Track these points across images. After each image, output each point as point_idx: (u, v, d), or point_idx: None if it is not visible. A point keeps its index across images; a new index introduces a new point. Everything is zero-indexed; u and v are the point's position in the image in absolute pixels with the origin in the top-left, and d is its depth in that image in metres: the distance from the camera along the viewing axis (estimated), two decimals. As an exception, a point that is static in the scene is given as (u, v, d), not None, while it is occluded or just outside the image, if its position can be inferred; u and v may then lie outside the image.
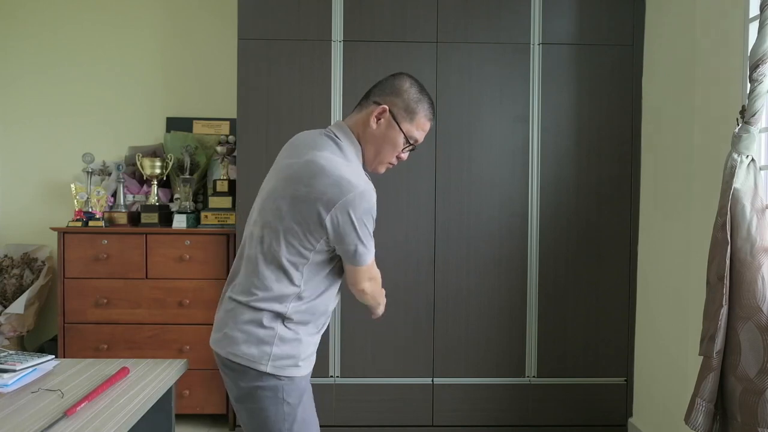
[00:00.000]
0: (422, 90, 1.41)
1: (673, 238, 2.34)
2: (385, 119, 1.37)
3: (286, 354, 1.32)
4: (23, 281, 2.97)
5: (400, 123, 1.37)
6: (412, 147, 1.43)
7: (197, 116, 3.16)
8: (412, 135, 1.40)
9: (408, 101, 1.38)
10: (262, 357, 1.30)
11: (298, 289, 1.32)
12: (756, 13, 1.82)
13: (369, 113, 1.38)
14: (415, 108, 1.38)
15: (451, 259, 2.63)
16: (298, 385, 1.36)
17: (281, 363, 1.32)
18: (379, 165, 1.43)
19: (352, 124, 1.42)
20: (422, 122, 1.40)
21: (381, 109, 1.37)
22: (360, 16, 2.59)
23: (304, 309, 1.34)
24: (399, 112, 1.37)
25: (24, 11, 3.17)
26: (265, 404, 1.32)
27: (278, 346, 1.31)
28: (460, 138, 2.62)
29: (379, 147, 1.39)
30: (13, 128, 3.19)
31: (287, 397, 1.33)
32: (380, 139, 1.39)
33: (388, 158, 1.42)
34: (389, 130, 1.38)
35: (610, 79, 2.64)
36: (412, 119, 1.38)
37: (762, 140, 1.83)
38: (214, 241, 2.72)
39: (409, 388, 2.64)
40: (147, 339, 2.70)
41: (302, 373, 1.37)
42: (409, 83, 1.40)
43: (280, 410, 1.32)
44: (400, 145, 1.40)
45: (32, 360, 1.43)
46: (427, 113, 1.41)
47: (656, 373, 2.48)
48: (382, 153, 1.40)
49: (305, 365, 1.38)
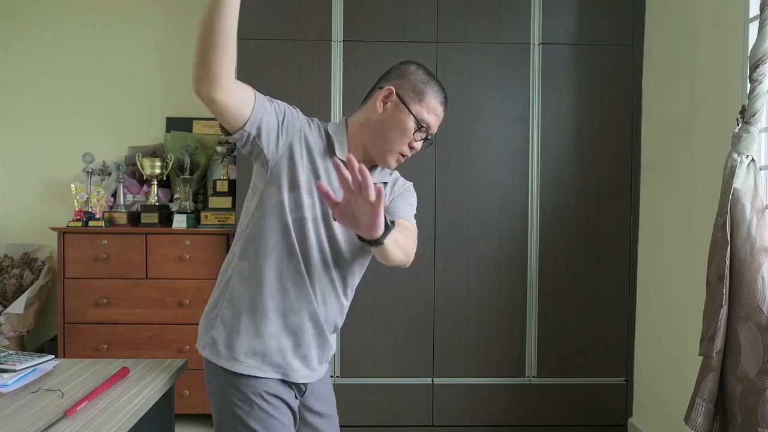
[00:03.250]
0: (430, 73, 1.31)
1: (673, 238, 2.34)
2: (392, 102, 1.27)
3: (223, 340, 1.27)
4: (23, 281, 2.97)
5: (409, 104, 1.26)
6: (426, 135, 1.30)
7: (197, 116, 3.15)
8: (423, 118, 1.27)
9: (416, 82, 1.27)
10: (203, 338, 1.32)
11: (244, 233, 1.28)
12: (756, 13, 1.82)
13: (374, 100, 1.29)
14: (424, 88, 1.27)
15: (451, 259, 2.63)
16: (246, 389, 1.25)
17: (216, 349, 1.27)
18: (388, 155, 1.29)
19: (351, 118, 1.35)
20: (432, 104, 1.28)
21: (387, 91, 1.27)
22: (360, 16, 2.59)
23: (249, 270, 1.26)
24: (406, 93, 1.26)
25: (24, 11, 3.17)
26: (212, 399, 1.32)
27: (217, 330, 1.29)
28: (460, 138, 2.62)
29: (387, 132, 1.27)
30: (13, 128, 3.19)
31: (233, 396, 1.25)
32: (388, 124, 1.27)
33: (398, 146, 1.28)
34: (397, 113, 1.26)
35: (610, 79, 2.64)
36: (421, 100, 1.26)
37: (762, 140, 1.83)
38: (214, 241, 2.72)
39: (409, 388, 2.64)
40: (147, 339, 2.70)
41: (241, 370, 1.24)
42: (416, 66, 1.30)
43: (227, 408, 1.25)
44: (411, 130, 1.26)
45: (32, 360, 1.43)
46: (437, 95, 1.29)
47: (656, 373, 2.48)
48: (390, 139, 1.27)
49: (249, 363, 1.25)
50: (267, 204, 1.25)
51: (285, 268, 1.25)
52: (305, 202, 1.25)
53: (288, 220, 1.24)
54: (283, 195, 1.24)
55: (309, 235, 1.26)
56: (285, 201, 1.24)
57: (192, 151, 2.95)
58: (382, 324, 2.63)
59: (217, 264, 2.71)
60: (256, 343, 1.26)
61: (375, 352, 2.63)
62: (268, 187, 1.25)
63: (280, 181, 1.24)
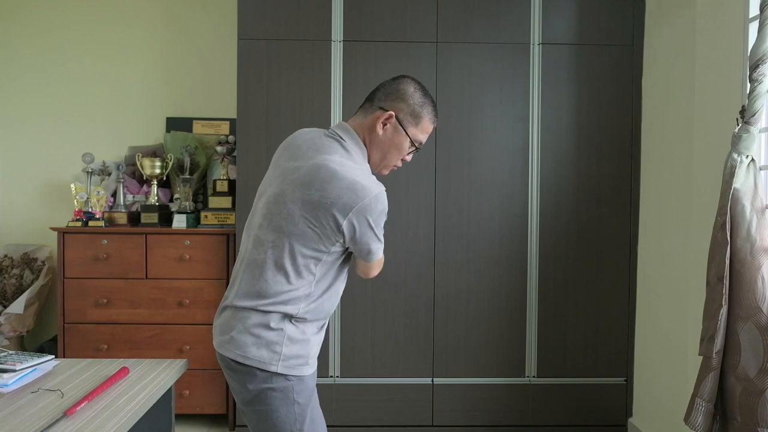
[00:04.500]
0: (425, 93, 1.43)
1: (673, 238, 2.34)
2: (391, 125, 1.39)
3: (295, 354, 1.33)
4: (23, 281, 2.97)
5: (407, 128, 1.40)
6: (416, 149, 1.46)
7: (197, 116, 3.16)
8: (417, 138, 1.43)
9: (413, 106, 1.40)
10: (273, 358, 1.30)
11: (310, 289, 1.33)
12: (756, 13, 1.82)
13: (375, 119, 1.39)
14: (421, 112, 1.40)
15: (451, 259, 2.63)
16: (307, 384, 1.36)
17: (291, 363, 1.32)
18: (384, 168, 1.46)
19: (357, 126, 1.41)
20: (427, 126, 1.43)
21: (387, 115, 1.38)
22: (360, 16, 2.59)
23: (314, 308, 1.35)
24: (405, 117, 1.39)
25: (24, 11, 3.17)
26: (276, 405, 1.32)
27: (288, 346, 1.32)
28: (460, 138, 2.62)
29: (386, 152, 1.42)
30: (13, 128, 3.19)
31: (297, 398, 1.33)
32: (387, 144, 1.41)
33: (394, 161, 1.45)
34: (396, 136, 1.40)
35: (610, 79, 2.64)
36: (417, 123, 1.41)
37: (762, 140, 1.83)
38: (214, 241, 2.72)
39: (409, 388, 2.64)
40: (147, 339, 2.70)
41: (311, 372, 1.38)
42: (413, 87, 1.41)
43: (291, 411, 1.33)
44: (406, 149, 1.43)
45: (32, 360, 1.43)
46: (431, 116, 1.43)
47: (656, 373, 2.48)
48: (388, 157, 1.43)
49: (314, 363, 1.39)
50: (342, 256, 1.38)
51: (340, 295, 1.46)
52: None
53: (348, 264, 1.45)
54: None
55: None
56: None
57: (192, 151, 2.95)
58: (382, 324, 2.63)
59: (217, 264, 2.71)
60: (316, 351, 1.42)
61: (375, 352, 2.63)
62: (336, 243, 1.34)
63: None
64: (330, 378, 2.62)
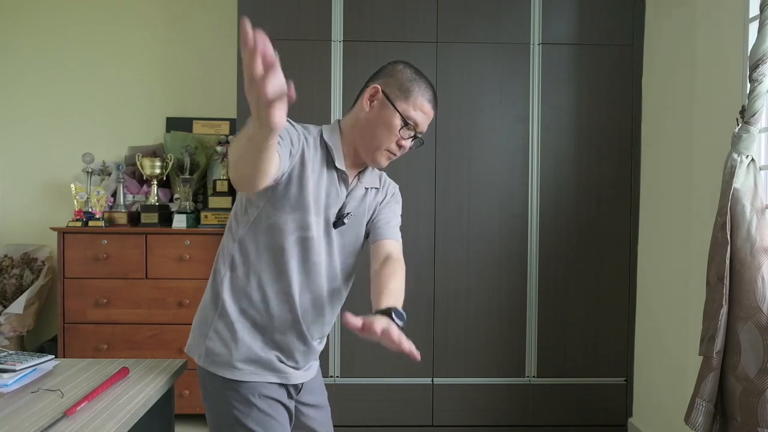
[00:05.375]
0: (419, 73, 1.30)
1: (673, 239, 2.34)
2: (378, 100, 1.27)
3: (219, 349, 1.27)
4: (23, 281, 2.97)
5: (395, 102, 1.26)
6: (413, 133, 1.30)
7: (197, 116, 3.16)
8: (409, 115, 1.27)
9: (402, 80, 1.27)
10: (199, 348, 1.30)
11: (235, 244, 1.28)
12: (756, 13, 1.82)
13: (362, 99, 1.30)
14: (410, 86, 1.27)
15: (451, 259, 2.63)
16: (245, 391, 1.26)
17: (215, 359, 1.27)
18: (377, 152, 1.29)
19: (346, 119, 1.35)
20: (419, 102, 1.27)
21: (372, 89, 1.27)
22: (360, 16, 2.59)
23: (239, 284, 1.27)
24: (392, 91, 1.27)
25: (24, 11, 3.17)
26: (208, 402, 1.31)
27: (212, 340, 1.28)
28: (460, 138, 2.62)
29: (374, 130, 1.27)
30: (13, 128, 3.19)
31: (231, 399, 1.26)
32: (375, 122, 1.27)
33: (386, 143, 1.28)
34: (383, 111, 1.27)
35: (610, 79, 2.64)
36: (407, 97, 1.26)
37: (762, 140, 1.83)
38: (214, 241, 2.71)
39: (409, 388, 2.64)
40: (147, 339, 2.70)
41: (240, 377, 1.26)
42: (404, 65, 1.31)
43: (225, 411, 1.26)
44: (397, 127, 1.26)
45: (32, 360, 1.43)
46: (424, 93, 1.28)
47: (656, 373, 2.48)
48: (378, 137, 1.27)
49: (248, 370, 1.27)
50: (263, 223, 1.25)
51: (273, 288, 1.27)
52: (312, 222, 1.25)
53: (285, 243, 1.24)
54: (284, 216, 1.23)
55: (311, 255, 1.27)
56: (286, 222, 1.23)
57: (192, 151, 2.95)
58: (382, 324, 2.62)
59: (217, 264, 2.71)
60: (251, 353, 1.28)
61: (375, 352, 2.63)
62: (267, 206, 1.24)
63: (282, 202, 1.23)
64: (330, 378, 2.62)
